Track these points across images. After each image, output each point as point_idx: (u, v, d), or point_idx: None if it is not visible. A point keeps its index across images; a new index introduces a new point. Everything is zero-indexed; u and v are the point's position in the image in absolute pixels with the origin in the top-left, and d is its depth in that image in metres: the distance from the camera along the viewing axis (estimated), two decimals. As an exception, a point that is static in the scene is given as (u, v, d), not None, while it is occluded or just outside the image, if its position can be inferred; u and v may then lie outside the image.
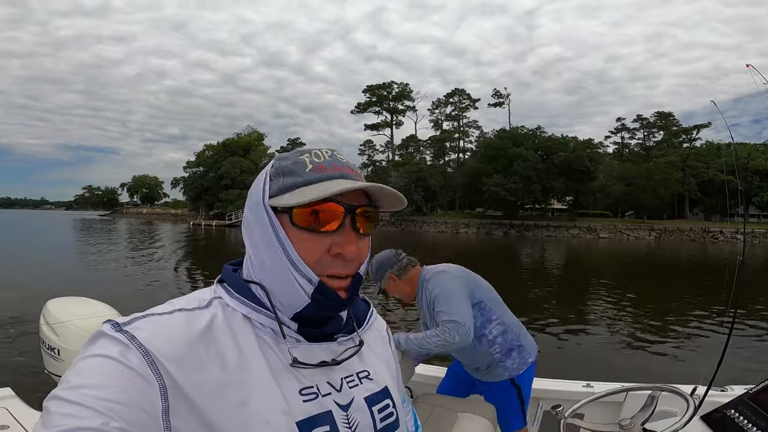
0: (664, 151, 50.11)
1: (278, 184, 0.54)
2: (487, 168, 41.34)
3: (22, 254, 16.59)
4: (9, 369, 4.40)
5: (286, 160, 0.56)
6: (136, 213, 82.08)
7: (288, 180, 0.54)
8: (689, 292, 10.74)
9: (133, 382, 0.43)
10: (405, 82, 56.39)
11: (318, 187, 0.52)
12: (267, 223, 0.53)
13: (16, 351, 5.00)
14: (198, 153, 58.45)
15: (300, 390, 0.53)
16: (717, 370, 1.54)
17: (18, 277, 10.25)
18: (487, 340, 1.88)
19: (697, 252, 26.23)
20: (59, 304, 2.07)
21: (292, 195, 0.52)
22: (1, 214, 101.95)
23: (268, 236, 0.53)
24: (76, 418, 0.39)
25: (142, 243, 23.39)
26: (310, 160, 0.54)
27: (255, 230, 0.55)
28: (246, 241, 0.57)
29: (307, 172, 0.54)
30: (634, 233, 39.01)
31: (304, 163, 0.54)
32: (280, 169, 0.55)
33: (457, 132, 56.13)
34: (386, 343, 0.70)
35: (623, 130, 58.62)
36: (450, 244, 29.56)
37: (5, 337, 5.59)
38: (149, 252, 18.42)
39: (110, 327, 0.46)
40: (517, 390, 1.91)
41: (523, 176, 39.38)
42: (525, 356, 1.92)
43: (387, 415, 0.60)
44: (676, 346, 6.15)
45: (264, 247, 0.54)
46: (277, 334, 0.54)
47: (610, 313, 8.30)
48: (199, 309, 0.52)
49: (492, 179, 39.72)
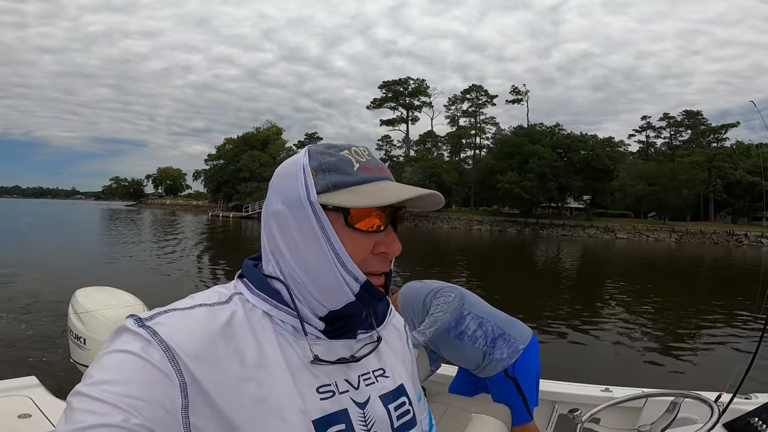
0: (689, 150, 48.56)
1: (325, 180, 0.53)
2: (502, 165, 40.95)
3: (53, 243, 17.20)
4: (36, 357, 4.53)
5: (329, 156, 0.54)
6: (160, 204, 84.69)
7: (336, 177, 0.53)
8: (715, 297, 10.48)
9: (154, 378, 0.43)
10: (421, 78, 56.18)
11: (374, 188, 0.53)
12: (312, 220, 0.52)
13: (44, 340, 5.13)
14: (218, 146, 59.89)
15: (317, 388, 0.52)
16: (744, 377, 1.48)
17: (49, 265, 10.56)
18: (467, 336, 1.90)
19: (720, 255, 25.54)
20: (87, 294, 2.09)
21: (348, 195, 0.52)
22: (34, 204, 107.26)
23: (313, 234, 0.52)
24: (97, 414, 0.40)
25: (165, 233, 24.23)
26: (354, 159, 0.54)
27: (292, 226, 0.53)
28: (276, 234, 0.55)
29: (356, 171, 0.53)
30: (654, 234, 38.01)
31: (349, 161, 0.54)
32: (325, 165, 0.53)
33: (473, 128, 55.66)
34: (403, 340, 0.70)
35: (648, 129, 57.09)
36: (462, 240, 29.64)
37: (34, 326, 5.75)
38: (172, 242, 19.20)
39: (133, 322, 0.46)
40: (513, 381, 1.88)
41: (538, 174, 38.87)
42: (513, 344, 1.90)
43: (403, 413, 0.60)
44: (698, 352, 6.03)
45: (305, 245, 0.53)
46: (298, 330, 0.53)
47: (630, 315, 8.13)
48: (220, 304, 0.51)
49: (506, 176, 39.36)
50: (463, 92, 55.74)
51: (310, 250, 0.52)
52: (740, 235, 36.49)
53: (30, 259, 11.82)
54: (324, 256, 0.52)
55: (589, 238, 37.10)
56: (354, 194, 0.52)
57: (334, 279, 0.52)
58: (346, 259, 0.52)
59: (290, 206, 0.53)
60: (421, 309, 1.97)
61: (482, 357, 1.91)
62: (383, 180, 0.55)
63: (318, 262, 0.52)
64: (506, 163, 40.56)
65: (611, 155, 41.48)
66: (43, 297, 7.11)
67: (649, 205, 44.66)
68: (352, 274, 0.52)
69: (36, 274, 9.23)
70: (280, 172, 0.56)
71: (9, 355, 4.66)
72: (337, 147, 0.56)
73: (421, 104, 56.15)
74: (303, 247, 0.53)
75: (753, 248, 32.62)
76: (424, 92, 55.23)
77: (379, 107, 56.69)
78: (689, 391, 1.24)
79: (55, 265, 10.65)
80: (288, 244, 0.54)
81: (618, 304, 9.30)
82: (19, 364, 4.23)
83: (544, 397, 2.12)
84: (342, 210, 0.52)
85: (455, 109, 56.59)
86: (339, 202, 0.51)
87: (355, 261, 0.52)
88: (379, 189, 0.53)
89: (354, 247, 0.52)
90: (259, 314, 0.53)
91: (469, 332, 1.91)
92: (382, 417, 0.57)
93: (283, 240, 0.54)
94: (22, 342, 5.13)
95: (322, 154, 0.54)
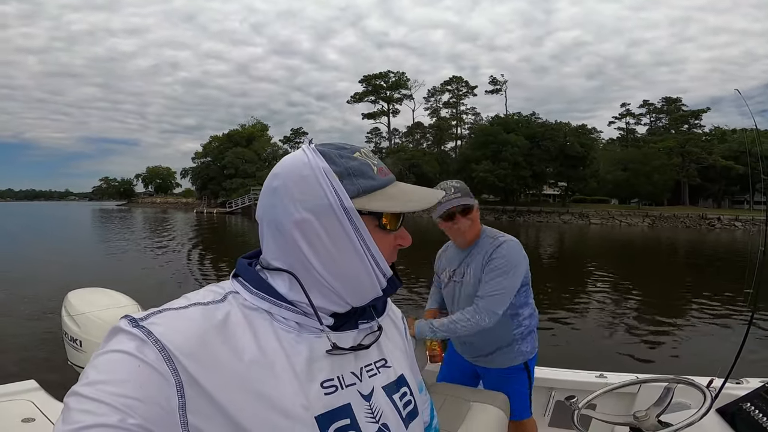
0: (662, 136, 49.64)
1: (355, 185, 0.53)
2: (477, 154, 41.89)
3: (43, 245, 17.39)
4: (33, 360, 4.55)
5: (350, 159, 0.55)
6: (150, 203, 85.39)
7: (363, 182, 0.54)
8: (698, 281, 10.55)
9: (149, 377, 0.43)
10: (402, 71, 56.96)
11: (401, 192, 0.57)
12: (347, 226, 0.52)
13: (40, 342, 5.16)
14: (204, 144, 60.68)
15: (321, 383, 0.52)
16: (735, 363, 1.49)
17: (40, 268, 10.69)
18: (517, 320, 1.81)
19: (694, 239, 25.69)
20: (80, 295, 2.09)
21: (382, 199, 0.54)
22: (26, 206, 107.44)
23: (347, 238, 0.53)
24: (94, 414, 0.40)
25: (153, 231, 24.95)
26: (370, 162, 0.56)
27: (321, 233, 0.53)
28: (299, 244, 0.53)
29: (376, 175, 0.55)
30: (627, 219, 38.91)
31: (368, 164, 0.56)
32: (350, 170, 0.54)
33: (454, 119, 56.60)
34: (401, 331, 0.71)
35: (628, 116, 58.07)
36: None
37: (29, 329, 5.80)
38: (161, 239, 19.73)
39: (127, 322, 0.46)
40: (527, 374, 1.85)
41: (511, 162, 39.93)
42: (535, 341, 1.87)
43: (407, 403, 0.61)
44: (687, 337, 6.07)
45: (339, 250, 0.53)
46: (302, 326, 0.54)
47: (613, 302, 8.17)
48: (215, 303, 0.51)
49: (481, 165, 40.36)
50: (444, 83, 56.61)
51: (344, 255, 0.53)
52: (713, 219, 37.18)
53: (22, 261, 12.18)
54: (360, 259, 0.53)
55: (564, 224, 38.10)
56: (386, 199, 0.54)
57: (368, 279, 0.55)
58: (380, 259, 0.55)
59: (317, 213, 0.52)
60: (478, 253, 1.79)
61: (507, 343, 1.81)
62: (395, 181, 0.58)
63: (353, 265, 0.53)
64: (481, 153, 41.48)
65: (583, 142, 42.53)
66: (38, 299, 7.19)
67: (625, 191, 45.85)
68: (383, 271, 0.56)
69: (29, 276, 9.50)
70: (291, 177, 0.54)
71: (6, 358, 4.70)
72: (348, 149, 0.56)
73: (401, 97, 56.98)
74: (336, 252, 0.53)
75: (727, 231, 32.84)
76: (404, 85, 56.00)
77: (360, 101, 57.48)
78: (681, 377, 1.25)
79: (47, 267, 10.91)
80: (317, 251, 0.53)
81: (600, 290, 9.26)
82: (16, 368, 4.28)
83: (540, 384, 2.11)
84: (376, 214, 0.54)
85: (435, 100, 57.50)
86: (377, 207, 0.53)
87: (385, 258, 0.56)
88: (402, 192, 0.56)
89: (383, 246, 0.56)
90: (256, 312, 0.52)
91: (521, 318, 1.82)
92: (388, 408, 0.57)
93: (310, 248, 0.53)
94: (18, 345, 5.22)
95: (342, 158, 0.54)
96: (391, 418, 0.56)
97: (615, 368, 2.38)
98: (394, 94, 56.48)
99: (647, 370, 2.03)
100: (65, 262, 12.51)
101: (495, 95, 56.72)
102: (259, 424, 0.46)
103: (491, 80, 56.07)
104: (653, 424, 1.16)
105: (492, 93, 56.49)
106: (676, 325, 6.61)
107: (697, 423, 1.09)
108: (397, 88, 55.92)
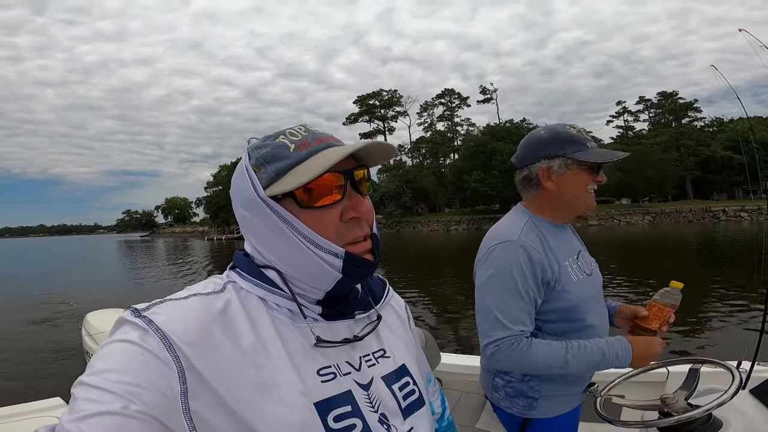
0: (656, 131, 49.61)
1: (268, 172, 0.52)
2: (468, 165, 43.06)
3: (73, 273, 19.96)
4: (58, 379, 4.78)
5: (264, 148, 0.54)
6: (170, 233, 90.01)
7: (276, 165, 0.52)
8: (711, 272, 10.47)
9: (152, 365, 0.43)
10: (394, 89, 59.03)
11: (311, 162, 0.51)
12: (271, 214, 0.52)
13: (64, 360, 5.52)
14: (215, 174, 64.13)
15: (318, 370, 0.52)
16: (759, 344, 1.45)
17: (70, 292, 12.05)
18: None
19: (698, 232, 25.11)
20: (99, 316, 2.15)
21: (289, 178, 0.51)
22: (58, 241, 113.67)
23: (277, 227, 0.52)
24: (98, 402, 0.40)
25: (169, 258, 27.43)
26: (289, 141, 0.53)
27: (258, 226, 0.54)
28: (252, 240, 0.56)
29: (293, 152, 0.53)
30: (626, 218, 38.60)
31: (284, 145, 0.53)
32: (263, 158, 0.53)
33: (450, 131, 58.00)
34: (404, 321, 0.69)
35: (625, 113, 58.17)
36: (443, 240, 31.15)
37: (55, 348, 6.20)
38: (176, 265, 21.82)
39: (130, 313, 0.47)
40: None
41: (501, 170, 40.99)
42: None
43: (409, 393, 0.59)
44: (708, 328, 5.94)
45: (276, 239, 0.53)
46: (295, 314, 0.54)
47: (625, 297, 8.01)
48: (215, 293, 0.52)
49: (472, 176, 41.48)
50: (436, 97, 58.24)
51: (282, 244, 0.52)
52: (717, 211, 36.30)
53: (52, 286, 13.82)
54: (296, 245, 0.52)
55: (562, 226, 38.54)
56: (296, 176, 0.51)
57: (314, 263, 0.52)
58: (317, 239, 0.51)
59: (248, 209, 0.53)
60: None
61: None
62: (324, 150, 0.53)
63: (294, 251, 0.52)
64: (472, 163, 42.71)
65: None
66: (63, 321, 7.87)
67: (623, 190, 45.89)
68: (329, 251, 0.52)
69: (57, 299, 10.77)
70: (234, 179, 0.56)
71: (32, 376, 5.05)
72: (272, 136, 0.55)
73: (396, 114, 58.84)
74: (275, 241, 0.53)
75: (733, 223, 32.08)
76: (397, 102, 57.91)
77: (355, 122, 59.63)
78: (708, 358, 1.18)
79: (75, 292, 12.23)
80: (263, 243, 0.55)
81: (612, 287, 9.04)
82: (43, 385, 4.56)
83: None
84: (289, 195, 0.51)
85: (428, 115, 59.06)
86: (282, 188, 0.51)
87: (329, 236, 0.52)
88: (316, 161, 0.51)
89: (320, 223, 0.52)
90: (253, 300, 0.53)
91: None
92: (387, 398, 0.56)
93: (257, 241, 0.55)
94: (43, 363, 5.56)
95: (257, 149, 0.54)
96: (390, 408, 0.56)
97: None
98: (389, 112, 58.51)
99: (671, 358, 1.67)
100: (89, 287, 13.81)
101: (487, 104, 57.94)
102: (257, 411, 0.46)
103: (481, 90, 57.43)
104: (683, 406, 1.09)
105: (483, 102, 57.74)
106: (695, 316, 6.42)
107: (730, 403, 1.01)
108: (391, 105, 57.91)
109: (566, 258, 1.17)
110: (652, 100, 55.02)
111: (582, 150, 1.11)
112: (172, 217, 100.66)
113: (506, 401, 1.23)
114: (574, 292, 1.13)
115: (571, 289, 1.13)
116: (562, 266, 1.14)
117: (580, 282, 1.16)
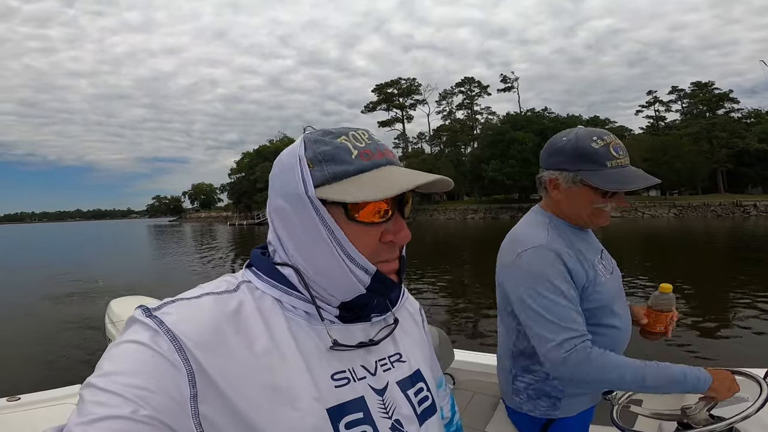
0: (687, 122, 47.75)
1: (323, 172, 0.49)
2: (486, 154, 42.87)
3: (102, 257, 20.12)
4: (81, 366, 4.72)
5: (324, 144, 0.51)
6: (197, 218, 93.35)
7: (335, 168, 0.49)
8: (734, 271, 9.75)
9: (162, 368, 0.43)
10: (413, 77, 58.98)
11: (374, 178, 0.49)
12: (314, 216, 0.49)
13: (87, 347, 5.42)
14: (238, 161, 65.96)
15: (332, 375, 0.51)
16: None
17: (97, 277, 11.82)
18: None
19: (727, 228, 23.80)
20: (121, 303, 2.17)
21: (348, 187, 0.48)
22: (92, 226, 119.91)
23: (316, 229, 0.50)
24: (107, 406, 0.40)
25: (196, 242, 28.23)
26: (352, 145, 0.51)
27: (295, 222, 0.51)
28: (279, 231, 0.53)
29: (354, 159, 0.50)
30: (650, 211, 37.35)
31: (347, 148, 0.50)
32: (321, 155, 0.50)
33: (470, 120, 57.53)
34: (419, 324, 0.68)
35: (656, 103, 56.15)
36: (460, 228, 31.28)
37: (78, 336, 6.08)
38: (201, 248, 22.65)
39: (141, 312, 0.46)
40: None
41: (519, 159, 40.61)
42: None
43: (423, 399, 0.58)
44: (738, 332, 5.56)
45: (310, 240, 0.50)
46: (312, 315, 0.53)
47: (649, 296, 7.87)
48: (228, 293, 0.51)
49: (490, 165, 41.26)
50: (455, 85, 57.75)
51: (315, 246, 0.50)
52: (748, 206, 34.38)
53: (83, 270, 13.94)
54: (330, 252, 0.50)
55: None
56: (354, 186, 0.48)
57: (342, 274, 0.50)
58: (354, 253, 0.50)
59: (290, 202, 0.51)
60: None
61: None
62: (386, 165, 0.51)
63: (325, 257, 0.50)
64: (490, 152, 42.43)
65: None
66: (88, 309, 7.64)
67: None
68: (361, 267, 0.50)
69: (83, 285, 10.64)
70: (278, 165, 0.53)
71: (54, 363, 5.05)
72: (333, 133, 0.52)
73: (414, 102, 58.74)
74: (308, 243, 0.51)
75: (764, 218, 30.11)
76: (415, 91, 57.79)
77: (373, 110, 59.95)
78: (735, 368, 1.10)
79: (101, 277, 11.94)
80: (293, 240, 0.52)
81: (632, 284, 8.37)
82: (65, 373, 4.54)
83: None
84: (341, 203, 0.49)
85: (447, 103, 58.70)
86: (337, 196, 0.48)
87: (364, 253, 0.50)
88: (380, 178, 0.49)
89: (360, 239, 0.50)
90: (269, 301, 0.52)
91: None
92: (402, 404, 0.55)
93: (287, 236, 0.53)
94: (66, 350, 5.54)
95: (316, 143, 0.51)
96: (405, 414, 0.54)
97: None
98: (407, 101, 58.48)
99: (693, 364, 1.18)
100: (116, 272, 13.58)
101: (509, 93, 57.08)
102: (269, 415, 0.45)
103: (502, 78, 56.60)
104: (704, 418, 1.02)
105: (504, 91, 56.92)
106: (718, 320, 6.00)
107: (755, 416, 0.93)
108: (409, 94, 57.85)
109: (594, 257, 1.15)
110: (686, 90, 52.91)
111: (595, 171, 1.04)
112: (198, 203, 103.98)
113: (529, 404, 1.19)
114: (603, 292, 1.11)
115: (601, 290, 1.10)
116: (593, 266, 1.11)
117: (607, 281, 1.13)
